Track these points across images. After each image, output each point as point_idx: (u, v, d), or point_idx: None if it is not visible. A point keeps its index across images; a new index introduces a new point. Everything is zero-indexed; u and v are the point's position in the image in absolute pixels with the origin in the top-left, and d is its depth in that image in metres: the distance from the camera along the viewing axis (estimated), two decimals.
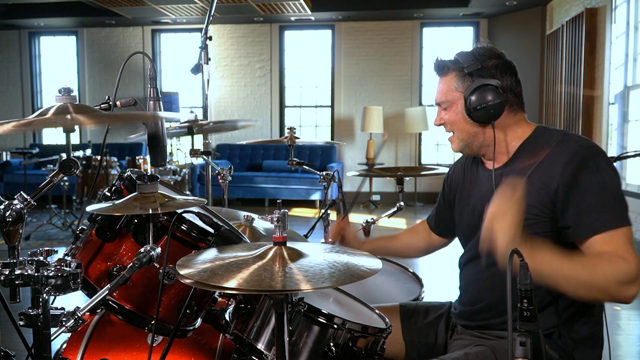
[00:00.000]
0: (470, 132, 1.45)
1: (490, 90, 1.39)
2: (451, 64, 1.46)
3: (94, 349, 1.50)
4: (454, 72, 1.45)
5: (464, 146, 1.49)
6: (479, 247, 1.52)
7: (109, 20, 8.27)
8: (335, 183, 2.20)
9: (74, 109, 1.15)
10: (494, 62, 1.42)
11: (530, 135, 1.45)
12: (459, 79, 1.44)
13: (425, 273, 1.81)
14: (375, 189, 8.13)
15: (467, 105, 1.41)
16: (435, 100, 1.52)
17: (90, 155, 6.07)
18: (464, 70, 1.42)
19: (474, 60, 1.42)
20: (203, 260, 1.10)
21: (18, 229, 1.14)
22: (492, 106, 1.39)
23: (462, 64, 1.42)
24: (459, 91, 1.44)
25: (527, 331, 0.97)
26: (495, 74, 1.41)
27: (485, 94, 1.39)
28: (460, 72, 1.43)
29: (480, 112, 1.40)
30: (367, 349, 1.29)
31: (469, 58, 1.43)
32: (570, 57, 6.05)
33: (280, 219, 1.08)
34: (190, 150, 2.49)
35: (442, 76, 1.49)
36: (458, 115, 1.45)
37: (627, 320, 3.35)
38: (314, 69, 8.70)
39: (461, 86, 1.43)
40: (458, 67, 1.44)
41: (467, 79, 1.42)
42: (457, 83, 1.44)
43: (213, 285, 0.97)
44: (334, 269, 1.03)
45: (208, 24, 2.55)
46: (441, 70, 1.49)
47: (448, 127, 1.51)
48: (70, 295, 1.18)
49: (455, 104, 1.45)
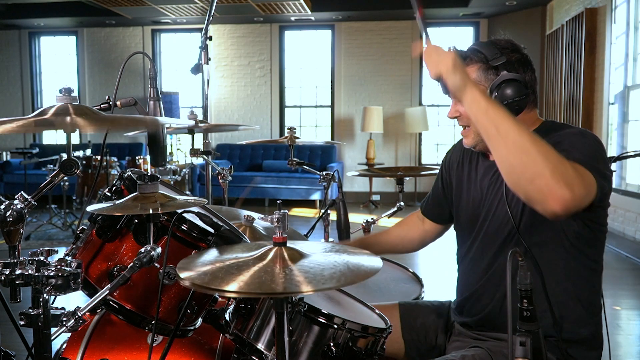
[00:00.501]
0: None
1: (517, 85, 1.34)
2: (474, 55, 1.39)
3: (94, 349, 1.50)
4: (477, 64, 1.38)
5: (480, 141, 1.43)
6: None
7: (109, 20, 8.27)
8: (335, 183, 2.20)
9: (73, 109, 1.15)
10: (517, 56, 1.38)
11: (535, 129, 1.42)
12: (483, 71, 1.37)
13: (425, 273, 1.82)
14: (375, 189, 8.13)
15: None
16: (453, 93, 1.47)
17: (90, 155, 6.07)
18: (489, 62, 1.36)
19: (498, 53, 1.36)
20: (203, 263, 1.09)
21: (18, 228, 1.14)
22: (518, 102, 1.34)
23: (487, 56, 1.37)
24: (481, 84, 1.37)
25: (527, 331, 0.97)
26: (518, 69, 1.37)
27: (511, 88, 1.33)
28: (485, 64, 1.37)
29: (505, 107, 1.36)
30: (367, 348, 1.29)
31: (493, 50, 1.37)
32: (570, 57, 6.05)
33: (281, 219, 1.08)
34: (191, 150, 2.49)
35: None
36: None
37: (627, 320, 3.35)
38: (314, 69, 8.70)
39: (484, 79, 1.37)
40: (481, 58, 1.38)
41: (492, 72, 1.37)
42: (480, 75, 1.38)
43: (214, 288, 0.96)
44: (335, 270, 1.03)
45: (208, 24, 2.55)
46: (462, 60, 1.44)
47: (464, 121, 1.45)
48: (71, 295, 1.18)
49: None
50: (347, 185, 8.27)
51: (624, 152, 2.12)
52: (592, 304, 1.40)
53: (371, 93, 8.34)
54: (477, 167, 1.55)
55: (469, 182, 1.56)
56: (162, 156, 1.46)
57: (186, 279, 1.00)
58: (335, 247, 1.20)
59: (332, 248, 1.19)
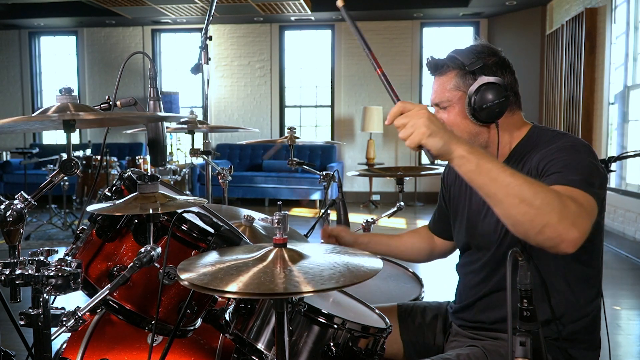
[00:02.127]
0: (472, 132, 1.40)
1: (495, 88, 1.33)
2: (450, 62, 1.40)
3: (94, 348, 1.50)
4: (454, 71, 1.39)
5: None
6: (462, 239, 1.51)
7: (109, 20, 8.27)
8: (335, 183, 2.20)
9: (74, 109, 1.15)
10: (494, 59, 1.38)
11: (524, 136, 1.43)
12: (460, 77, 1.38)
13: (425, 273, 1.81)
14: (375, 189, 8.13)
15: (470, 104, 1.35)
16: (432, 101, 1.44)
17: (90, 155, 6.07)
18: (466, 68, 1.36)
19: (475, 58, 1.37)
20: (204, 264, 1.09)
21: (18, 228, 1.14)
22: (497, 105, 1.33)
23: (463, 62, 1.37)
24: (460, 90, 1.38)
25: (527, 331, 0.97)
26: (497, 72, 1.37)
27: (490, 92, 1.33)
28: (462, 70, 1.37)
29: (485, 112, 1.34)
30: (367, 349, 1.29)
31: (469, 55, 1.38)
32: (570, 57, 6.05)
33: (281, 220, 1.08)
34: (190, 150, 2.49)
35: (439, 75, 1.42)
36: (459, 116, 1.39)
37: (627, 320, 3.35)
38: (314, 69, 8.70)
39: (463, 85, 1.38)
40: (458, 65, 1.38)
41: (469, 77, 1.37)
42: (458, 82, 1.38)
43: (214, 289, 0.96)
44: (334, 271, 1.03)
45: (208, 24, 2.55)
46: (438, 68, 1.41)
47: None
48: (71, 295, 1.18)
49: (455, 103, 1.39)
50: (347, 185, 8.28)
51: (624, 152, 2.12)
52: (591, 305, 1.39)
53: (371, 93, 8.34)
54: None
55: (466, 194, 1.55)
56: (162, 156, 1.46)
57: (186, 280, 1.00)
58: (337, 249, 1.19)
59: (333, 250, 1.19)
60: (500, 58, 1.40)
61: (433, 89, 1.44)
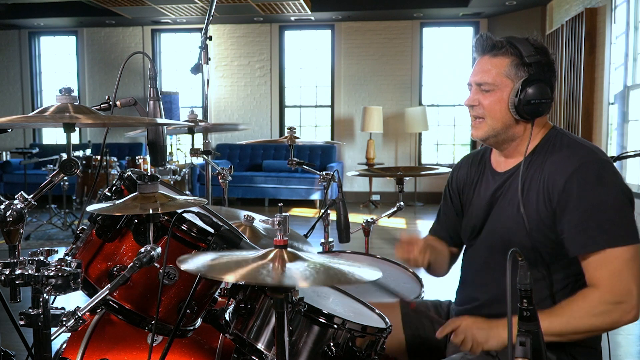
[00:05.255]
0: (506, 123, 1.38)
1: (544, 87, 1.34)
2: (510, 48, 1.36)
3: (94, 348, 1.50)
4: (510, 57, 1.36)
5: (492, 135, 1.41)
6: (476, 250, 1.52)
7: (109, 20, 8.27)
8: (335, 183, 2.20)
9: (73, 109, 1.15)
10: (547, 60, 1.38)
11: (544, 137, 1.42)
12: (514, 66, 1.35)
13: (425, 273, 1.79)
14: (375, 189, 8.13)
15: (518, 95, 1.34)
16: (475, 80, 1.40)
17: (90, 155, 6.07)
18: (525, 59, 1.34)
19: (533, 51, 1.35)
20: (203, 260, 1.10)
21: (18, 228, 1.14)
22: (542, 104, 1.34)
23: (522, 52, 1.35)
24: (510, 78, 1.36)
25: (527, 331, 0.97)
26: (547, 72, 1.37)
27: (539, 89, 1.33)
28: (519, 59, 1.35)
29: (530, 107, 1.34)
30: (367, 348, 1.29)
31: (528, 47, 1.35)
32: (570, 57, 6.05)
33: (282, 222, 1.08)
34: (190, 150, 2.49)
35: (491, 56, 1.38)
36: (500, 103, 1.37)
37: None
38: (314, 69, 8.70)
39: (514, 74, 1.36)
40: (516, 53, 1.36)
41: (523, 69, 1.35)
42: (511, 70, 1.36)
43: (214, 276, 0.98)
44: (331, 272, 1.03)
45: (208, 24, 2.55)
46: (494, 49, 1.38)
47: (479, 111, 1.41)
48: (71, 295, 1.18)
49: (500, 89, 1.36)
50: (347, 185, 8.27)
51: (624, 152, 2.12)
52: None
53: (371, 93, 8.34)
54: (482, 177, 1.54)
55: (473, 193, 1.55)
56: (162, 156, 1.46)
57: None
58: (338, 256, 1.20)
59: (335, 257, 1.19)
60: (550, 59, 1.39)
61: (479, 68, 1.40)
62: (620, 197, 1.28)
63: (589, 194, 1.27)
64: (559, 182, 1.31)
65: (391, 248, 1.62)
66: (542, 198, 1.34)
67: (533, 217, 1.35)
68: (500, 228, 1.44)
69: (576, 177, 1.29)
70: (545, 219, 1.34)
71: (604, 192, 1.27)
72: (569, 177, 1.30)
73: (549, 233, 1.34)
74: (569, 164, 1.31)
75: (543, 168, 1.36)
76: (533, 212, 1.35)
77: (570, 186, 1.29)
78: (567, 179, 1.30)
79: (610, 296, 1.23)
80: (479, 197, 1.53)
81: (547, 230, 1.34)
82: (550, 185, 1.33)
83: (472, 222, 1.54)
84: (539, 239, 1.36)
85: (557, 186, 1.31)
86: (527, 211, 1.36)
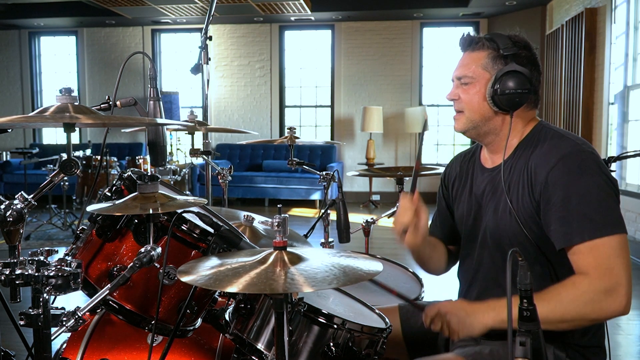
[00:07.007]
0: (484, 115, 1.40)
1: (521, 78, 1.35)
2: (487, 41, 1.40)
3: (94, 349, 1.50)
4: (487, 50, 1.39)
5: (472, 127, 1.44)
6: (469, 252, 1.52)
7: (109, 20, 8.27)
8: (335, 183, 2.20)
9: (73, 109, 1.15)
10: (527, 53, 1.40)
11: (530, 131, 1.43)
12: (492, 58, 1.38)
13: (425, 273, 1.79)
14: (375, 189, 8.13)
15: (493, 86, 1.36)
16: (456, 74, 1.44)
17: (90, 155, 6.06)
18: (501, 51, 1.37)
19: (511, 45, 1.38)
20: (204, 267, 1.09)
21: (18, 228, 1.14)
22: (519, 95, 1.34)
23: (499, 45, 1.38)
24: (487, 71, 1.38)
25: (527, 331, 0.97)
26: (526, 65, 1.38)
27: (516, 80, 1.34)
28: (496, 52, 1.38)
29: (505, 97, 1.35)
30: (367, 349, 1.29)
31: (506, 41, 1.39)
32: (570, 57, 6.05)
33: (281, 223, 1.08)
34: (190, 150, 2.49)
35: (470, 51, 1.42)
36: (477, 95, 1.40)
37: (627, 320, 3.35)
38: (314, 69, 8.70)
39: (491, 67, 1.38)
40: (493, 46, 1.39)
41: (500, 61, 1.38)
42: (488, 62, 1.39)
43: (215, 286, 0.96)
44: (329, 273, 1.02)
45: (208, 24, 2.55)
46: (472, 44, 1.42)
47: (459, 105, 1.44)
48: (71, 295, 1.18)
49: (478, 82, 1.39)
50: (347, 185, 8.28)
51: (624, 152, 2.12)
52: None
53: (371, 93, 8.34)
54: (475, 178, 1.54)
55: (463, 191, 1.55)
56: (162, 156, 1.46)
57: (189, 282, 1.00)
58: (339, 253, 1.19)
59: (336, 254, 1.18)
60: (533, 54, 1.41)
61: (460, 63, 1.44)
62: (604, 187, 1.27)
63: (572, 185, 1.27)
64: (542, 174, 1.31)
65: (391, 248, 1.61)
66: (527, 192, 1.34)
67: (522, 212, 1.35)
68: (492, 224, 1.44)
69: (559, 169, 1.29)
70: (533, 213, 1.34)
71: (586, 182, 1.26)
72: (551, 169, 1.30)
73: (541, 226, 1.34)
74: (551, 156, 1.31)
75: (528, 162, 1.36)
76: (521, 206, 1.35)
77: (552, 178, 1.29)
78: (549, 171, 1.30)
79: (599, 283, 1.20)
80: (470, 194, 1.53)
81: (539, 224, 1.34)
82: (533, 178, 1.33)
83: (464, 219, 1.54)
84: (533, 233, 1.35)
85: (539, 179, 1.31)
86: (515, 206, 1.36)
